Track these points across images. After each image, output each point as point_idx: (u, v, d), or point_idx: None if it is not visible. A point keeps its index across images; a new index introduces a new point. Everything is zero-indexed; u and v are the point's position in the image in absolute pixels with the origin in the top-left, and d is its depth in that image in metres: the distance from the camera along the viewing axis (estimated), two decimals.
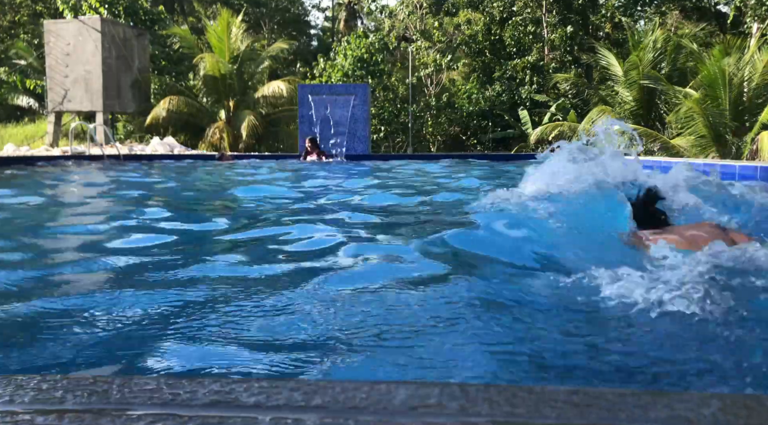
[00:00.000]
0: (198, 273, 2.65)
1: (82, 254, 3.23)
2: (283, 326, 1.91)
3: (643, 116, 15.81)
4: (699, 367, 1.61)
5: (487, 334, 1.84)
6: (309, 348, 1.71)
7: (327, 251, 3.11)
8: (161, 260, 3.02)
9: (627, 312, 1.94)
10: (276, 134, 21.88)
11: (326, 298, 2.19)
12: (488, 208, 3.87)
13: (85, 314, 2.07)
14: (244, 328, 1.88)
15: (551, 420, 0.66)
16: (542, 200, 3.47)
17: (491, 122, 22.29)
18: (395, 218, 4.53)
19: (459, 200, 5.79)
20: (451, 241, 3.07)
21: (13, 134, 22.53)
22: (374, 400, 0.71)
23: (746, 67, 12.30)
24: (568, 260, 2.73)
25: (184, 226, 4.19)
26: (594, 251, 2.82)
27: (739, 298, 1.98)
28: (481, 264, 2.79)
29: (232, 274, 2.68)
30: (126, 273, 2.72)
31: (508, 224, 3.23)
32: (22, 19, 29.58)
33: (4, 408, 0.69)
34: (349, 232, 3.65)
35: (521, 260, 2.77)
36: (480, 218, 3.64)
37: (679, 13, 22.55)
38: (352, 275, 2.57)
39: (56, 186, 8.07)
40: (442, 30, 23.72)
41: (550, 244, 2.98)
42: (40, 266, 2.97)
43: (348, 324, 1.90)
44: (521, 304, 2.14)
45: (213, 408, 0.69)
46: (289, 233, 3.72)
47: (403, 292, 2.25)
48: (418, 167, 11.12)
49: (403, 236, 3.63)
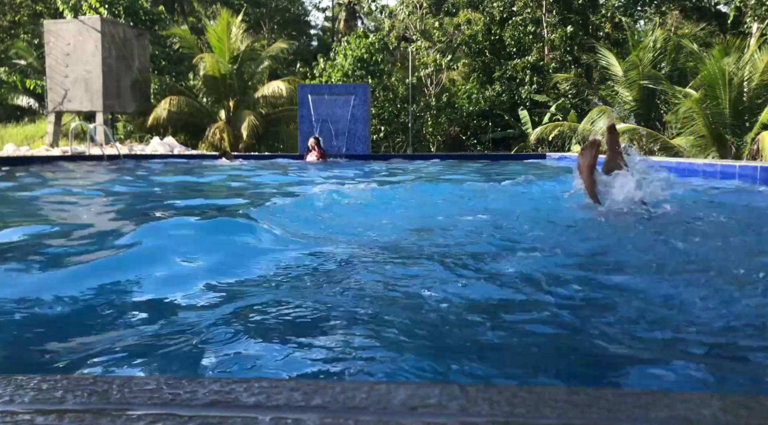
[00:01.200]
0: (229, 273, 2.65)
1: (84, 252, 3.23)
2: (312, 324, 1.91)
3: (643, 116, 15.82)
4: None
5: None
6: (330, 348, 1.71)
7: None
8: (166, 259, 3.02)
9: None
10: (276, 134, 21.89)
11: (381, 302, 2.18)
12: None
13: (86, 314, 2.07)
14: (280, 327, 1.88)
15: (551, 420, 0.66)
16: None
17: (491, 122, 22.30)
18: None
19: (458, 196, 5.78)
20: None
21: (13, 134, 22.54)
22: (374, 400, 0.71)
23: (746, 67, 12.31)
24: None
25: (197, 224, 4.18)
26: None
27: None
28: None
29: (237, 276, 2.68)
30: (126, 273, 2.73)
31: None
32: (22, 19, 29.60)
33: (4, 408, 0.69)
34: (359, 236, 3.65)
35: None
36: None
37: (679, 13, 22.56)
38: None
39: (57, 186, 8.07)
40: (442, 30, 23.74)
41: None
42: (43, 265, 2.97)
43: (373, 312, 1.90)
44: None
45: (213, 408, 0.69)
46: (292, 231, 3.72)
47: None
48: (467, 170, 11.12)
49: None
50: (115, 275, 2.74)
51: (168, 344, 1.78)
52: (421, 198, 5.73)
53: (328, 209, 4.70)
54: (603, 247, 3.09)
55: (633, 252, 2.87)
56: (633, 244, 3.04)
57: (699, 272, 2.44)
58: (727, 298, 2.08)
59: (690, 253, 2.74)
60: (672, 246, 2.87)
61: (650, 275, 2.40)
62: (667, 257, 2.70)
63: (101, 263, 2.94)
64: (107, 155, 13.42)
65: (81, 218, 4.88)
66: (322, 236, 3.53)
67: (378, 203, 5.16)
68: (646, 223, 3.42)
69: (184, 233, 3.93)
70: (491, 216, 4.05)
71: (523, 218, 3.99)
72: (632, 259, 2.75)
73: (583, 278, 2.42)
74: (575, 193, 3.97)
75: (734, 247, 2.95)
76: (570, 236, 3.41)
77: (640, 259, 2.71)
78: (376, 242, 3.26)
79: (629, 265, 2.65)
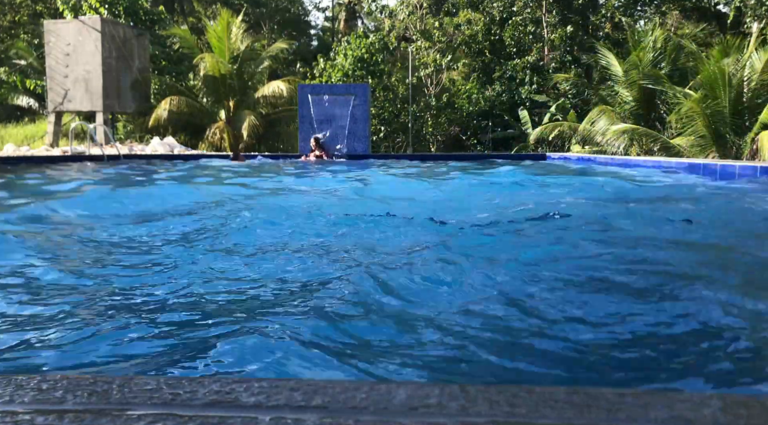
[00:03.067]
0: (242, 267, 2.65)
1: (88, 253, 3.23)
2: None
3: (643, 116, 15.80)
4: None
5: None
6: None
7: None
8: (179, 260, 3.02)
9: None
10: (276, 134, 21.89)
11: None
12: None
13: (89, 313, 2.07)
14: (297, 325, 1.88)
15: (551, 420, 0.66)
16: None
17: (491, 122, 22.29)
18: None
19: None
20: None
21: (13, 134, 22.54)
22: (374, 400, 0.71)
23: (746, 67, 12.30)
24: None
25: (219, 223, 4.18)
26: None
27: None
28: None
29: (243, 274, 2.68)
30: (129, 272, 2.72)
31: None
32: (22, 19, 29.59)
33: (4, 408, 0.69)
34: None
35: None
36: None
37: (679, 13, 22.55)
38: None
39: (57, 185, 8.07)
40: (442, 30, 23.72)
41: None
42: (48, 265, 2.96)
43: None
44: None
45: (213, 408, 0.69)
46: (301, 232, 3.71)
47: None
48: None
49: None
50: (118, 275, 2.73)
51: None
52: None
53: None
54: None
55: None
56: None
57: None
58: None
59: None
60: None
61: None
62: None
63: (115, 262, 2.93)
64: (107, 155, 13.42)
65: (94, 220, 4.87)
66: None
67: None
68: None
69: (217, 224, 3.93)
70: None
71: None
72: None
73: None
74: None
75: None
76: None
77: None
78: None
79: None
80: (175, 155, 15.30)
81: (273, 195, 6.68)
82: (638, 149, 14.73)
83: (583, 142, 16.54)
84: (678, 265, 2.71)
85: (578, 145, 16.96)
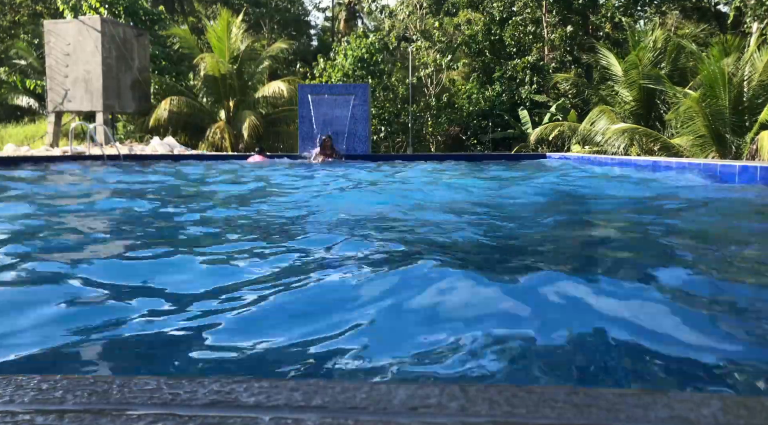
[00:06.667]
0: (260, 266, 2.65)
1: (91, 252, 3.23)
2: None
3: (643, 116, 15.80)
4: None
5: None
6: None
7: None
8: (182, 261, 3.02)
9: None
10: (276, 134, 21.91)
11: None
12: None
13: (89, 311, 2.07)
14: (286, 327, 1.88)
15: (551, 420, 0.66)
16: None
17: (491, 122, 22.29)
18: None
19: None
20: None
21: (13, 134, 22.56)
22: (374, 400, 0.71)
23: (746, 67, 12.30)
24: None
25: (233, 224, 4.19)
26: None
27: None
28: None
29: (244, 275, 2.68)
30: (130, 272, 2.72)
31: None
32: (22, 19, 29.60)
33: (4, 408, 0.69)
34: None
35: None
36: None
37: (679, 13, 22.56)
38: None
39: (59, 186, 8.07)
40: (442, 30, 23.73)
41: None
42: (48, 264, 2.97)
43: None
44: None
45: (213, 408, 0.69)
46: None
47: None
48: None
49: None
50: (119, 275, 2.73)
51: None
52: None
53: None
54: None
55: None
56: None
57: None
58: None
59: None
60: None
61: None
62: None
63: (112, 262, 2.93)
64: (107, 155, 13.42)
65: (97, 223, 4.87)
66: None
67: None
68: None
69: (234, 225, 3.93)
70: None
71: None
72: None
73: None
74: None
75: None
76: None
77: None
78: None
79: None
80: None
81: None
82: (638, 149, 14.74)
83: (583, 142, 16.54)
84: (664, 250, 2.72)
85: (578, 145, 16.96)
